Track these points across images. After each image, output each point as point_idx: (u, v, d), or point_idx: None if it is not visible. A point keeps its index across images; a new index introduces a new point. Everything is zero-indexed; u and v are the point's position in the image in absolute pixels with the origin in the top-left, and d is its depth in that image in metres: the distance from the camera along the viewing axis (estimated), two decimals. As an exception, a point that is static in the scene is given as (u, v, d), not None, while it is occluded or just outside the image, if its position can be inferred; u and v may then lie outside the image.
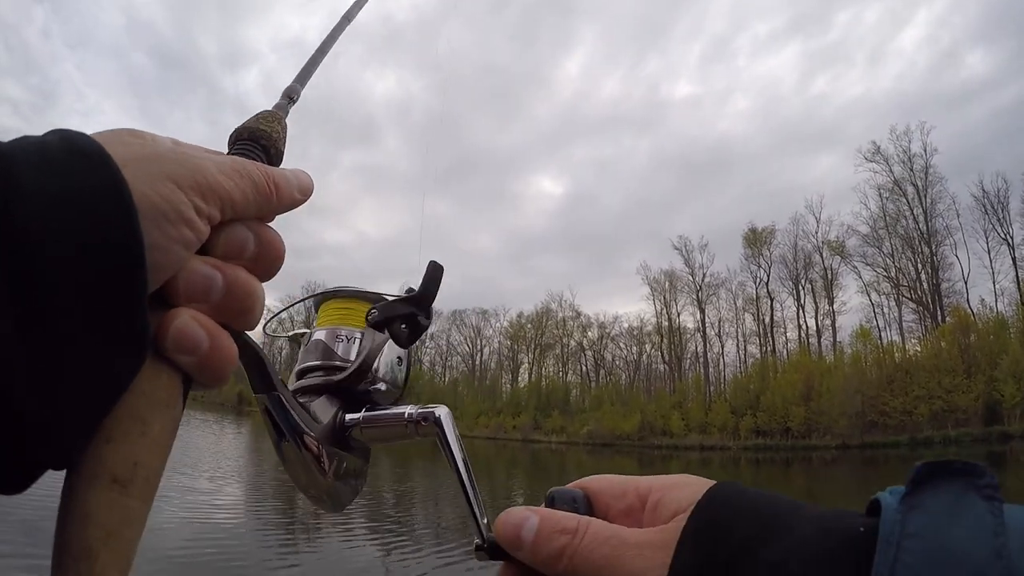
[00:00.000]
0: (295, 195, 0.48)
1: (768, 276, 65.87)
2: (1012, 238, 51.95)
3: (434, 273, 0.60)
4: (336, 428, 0.57)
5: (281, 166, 0.53)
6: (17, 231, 0.30)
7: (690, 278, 69.56)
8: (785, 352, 63.69)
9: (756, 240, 66.32)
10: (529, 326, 79.78)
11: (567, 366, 78.67)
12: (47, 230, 0.31)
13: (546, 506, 0.48)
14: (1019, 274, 50.75)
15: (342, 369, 0.60)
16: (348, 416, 0.58)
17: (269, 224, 0.47)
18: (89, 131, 0.36)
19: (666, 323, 70.75)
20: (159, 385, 0.38)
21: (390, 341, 0.62)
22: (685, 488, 0.45)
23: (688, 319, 70.80)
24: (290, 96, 0.63)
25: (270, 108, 0.59)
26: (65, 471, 0.35)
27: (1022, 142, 71.53)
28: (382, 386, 0.62)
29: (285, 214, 0.50)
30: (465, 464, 0.55)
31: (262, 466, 16.17)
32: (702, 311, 68.46)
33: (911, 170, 57.79)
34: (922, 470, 0.36)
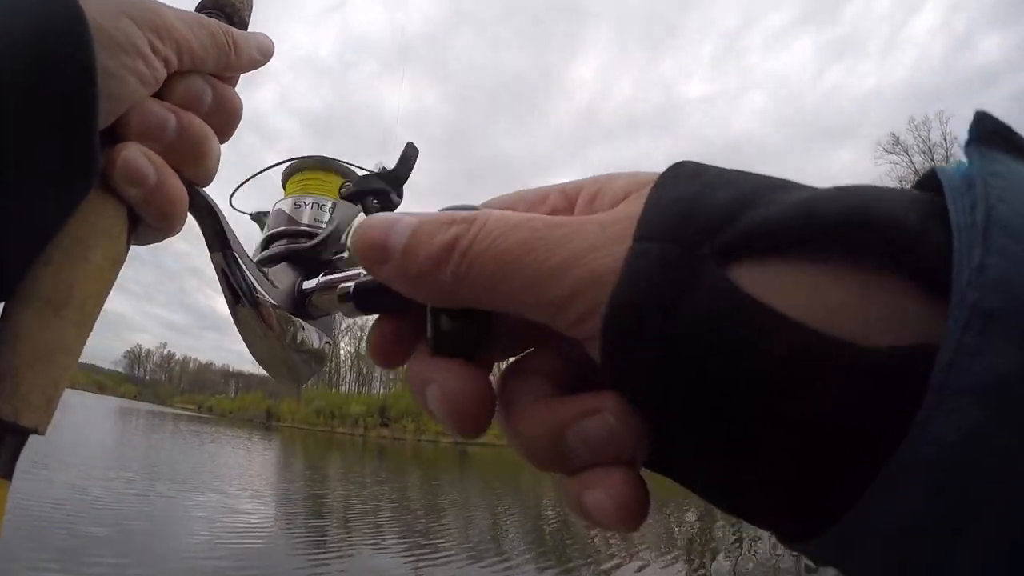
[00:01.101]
0: (254, 54, 0.49)
1: (792, 276, 65.23)
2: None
3: (409, 152, 0.61)
4: (295, 294, 0.53)
5: None
6: None
7: (714, 281, 69.15)
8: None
9: (780, 240, 65.72)
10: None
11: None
12: (3, 47, 0.31)
13: None
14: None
15: (310, 235, 0.59)
16: (306, 283, 0.54)
17: (230, 85, 0.48)
18: None
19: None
20: (104, 215, 0.38)
21: (361, 214, 0.61)
22: (630, 176, 0.30)
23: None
24: None
25: None
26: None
27: (1046, 128, 70.55)
28: (346, 254, 0.59)
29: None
30: None
31: (293, 483, 16.34)
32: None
33: (932, 160, 56.72)
34: (984, 120, 0.23)
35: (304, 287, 0.54)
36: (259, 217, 0.65)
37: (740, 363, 0.22)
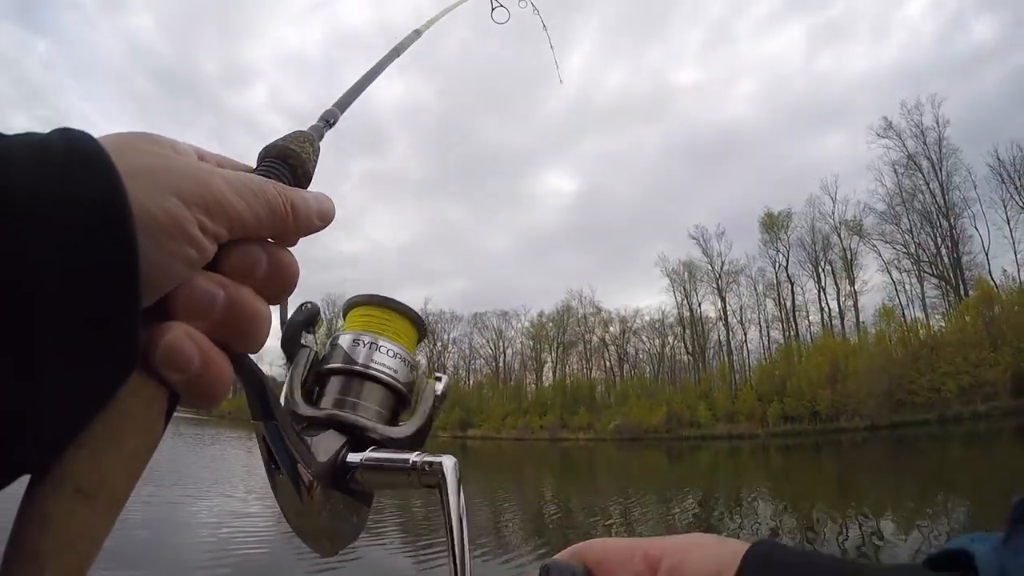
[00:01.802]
0: (313, 220, 0.47)
1: (787, 260, 65.51)
2: (1031, 206, 51.20)
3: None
4: (336, 467, 0.54)
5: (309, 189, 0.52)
6: (7, 235, 0.30)
7: (709, 267, 69.39)
8: (808, 336, 63.28)
9: (773, 224, 65.86)
10: (550, 325, 79.64)
11: (591, 363, 78.49)
12: (39, 237, 0.30)
13: None
14: (1040, 243, 50.03)
15: (375, 379, 0.59)
16: (350, 456, 0.55)
17: (288, 248, 0.47)
18: None
19: (687, 313, 70.56)
20: (142, 400, 0.37)
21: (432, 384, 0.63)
22: (702, 549, 0.40)
23: (709, 308, 70.22)
24: (327, 120, 0.62)
25: (305, 129, 0.57)
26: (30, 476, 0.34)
27: (1037, 108, 70.33)
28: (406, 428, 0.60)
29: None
30: (461, 523, 0.52)
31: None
32: (723, 299, 68.14)
33: (924, 144, 57.16)
34: (1021, 507, 0.29)
35: (348, 461, 0.55)
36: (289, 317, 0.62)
37: None
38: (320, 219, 0.48)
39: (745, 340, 67.28)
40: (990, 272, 52.56)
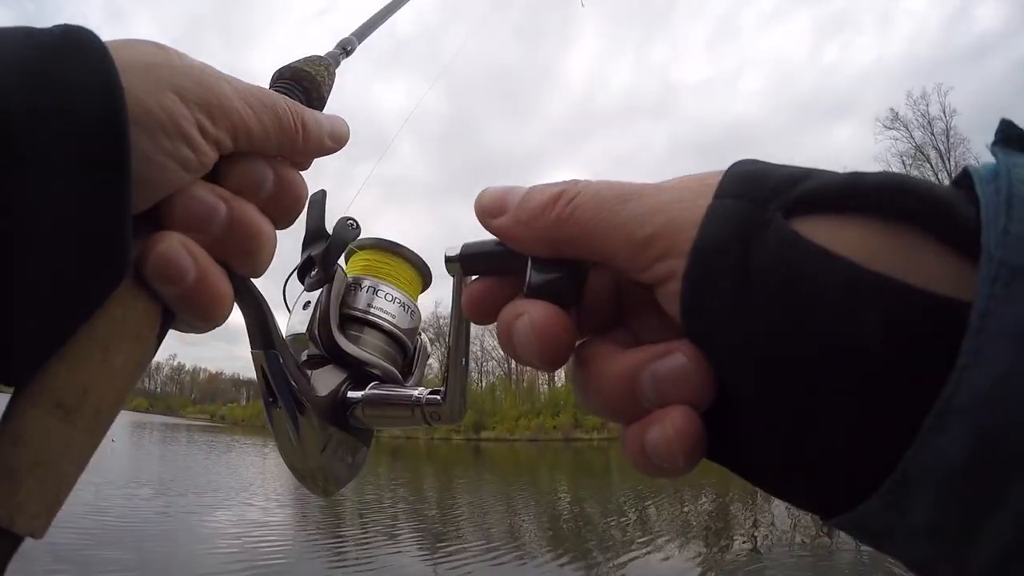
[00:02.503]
0: (325, 140, 0.45)
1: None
2: (1040, 194, 50.78)
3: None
4: (336, 403, 0.52)
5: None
6: None
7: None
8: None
9: (782, 219, 65.52)
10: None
11: (602, 362, 78.34)
12: (23, 112, 0.28)
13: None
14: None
15: (374, 325, 0.57)
16: (351, 393, 0.53)
17: (297, 169, 0.45)
18: None
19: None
20: (132, 313, 0.35)
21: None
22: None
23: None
24: (344, 47, 0.59)
25: (322, 54, 0.55)
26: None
27: (1045, 93, 69.70)
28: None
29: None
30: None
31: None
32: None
33: (932, 134, 56.47)
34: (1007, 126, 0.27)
35: (348, 396, 0.53)
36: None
37: (804, 292, 0.25)
38: (332, 140, 0.46)
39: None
40: (1002, 261, 52.06)
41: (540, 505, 14.54)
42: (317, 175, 0.49)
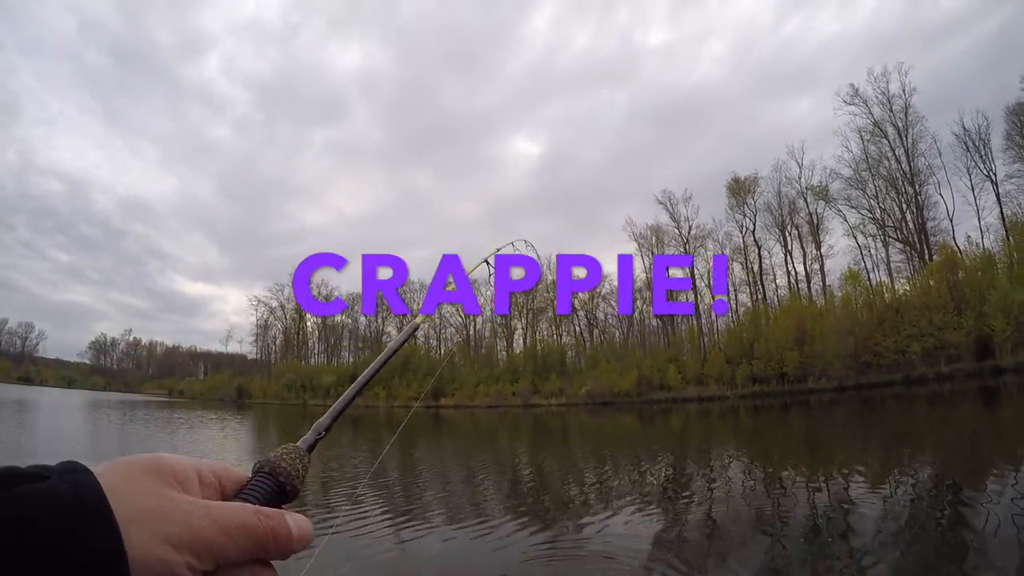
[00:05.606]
0: (292, 545, 0.53)
1: (754, 224, 66.39)
2: (995, 174, 52.44)
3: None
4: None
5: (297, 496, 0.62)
6: None
7: (676, 231, 69.75)
8: (776, 299, 64.35)
9: (740, 189, 66.39)
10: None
11: (561, 328, 79.05)
12: (50, 572, 0.39)
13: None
14: (1003, 210, 51.08)
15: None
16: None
17: (271, 564, 0.54)
18: (58, 140, 0.37)
19: (656, 278, 70.92)
20: None
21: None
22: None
23: (677, 272, 70.90)
24: (318, 432, 0.72)
25: (296, 444, 0.65)
26: None
27: (1001, 76, 71.22)
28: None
29: (262, 202, 0.48)
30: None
31: (267, 450, 16.16)
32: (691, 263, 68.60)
33: (891, 111, 57.65)
34: None
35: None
36: None
37: None
38: (299, 543, 0.54)
39: (713, 303, 68.00)
40: (954, 238, 53.98)
41: (500, 472, 14.59)
42: (271, 140, 0.43)
